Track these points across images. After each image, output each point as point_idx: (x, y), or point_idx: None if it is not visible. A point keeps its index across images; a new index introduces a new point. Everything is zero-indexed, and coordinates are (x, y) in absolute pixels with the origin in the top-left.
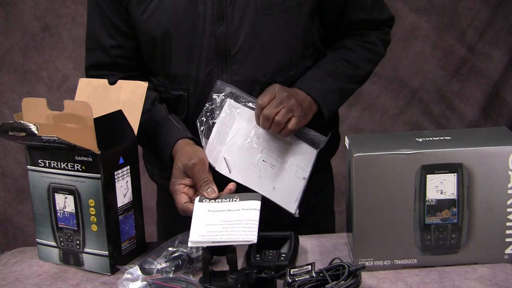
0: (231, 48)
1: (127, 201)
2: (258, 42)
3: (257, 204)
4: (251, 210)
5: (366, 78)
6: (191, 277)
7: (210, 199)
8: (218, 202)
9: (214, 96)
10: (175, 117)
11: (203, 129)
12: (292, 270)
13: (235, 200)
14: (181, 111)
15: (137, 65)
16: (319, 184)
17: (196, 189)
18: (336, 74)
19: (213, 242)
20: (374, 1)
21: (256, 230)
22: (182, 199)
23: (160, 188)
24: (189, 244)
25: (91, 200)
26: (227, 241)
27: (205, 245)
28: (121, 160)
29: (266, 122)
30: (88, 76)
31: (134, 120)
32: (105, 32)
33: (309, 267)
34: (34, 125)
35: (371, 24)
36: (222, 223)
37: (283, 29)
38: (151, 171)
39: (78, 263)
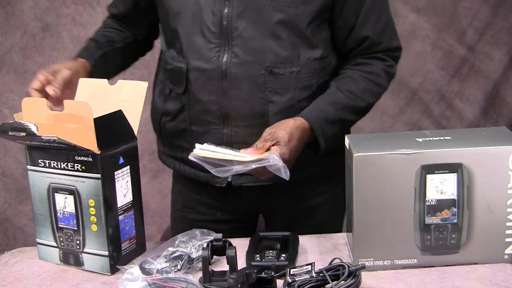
0: (233, 31)
1: (127, 201)
2: (259, 30)
3: None
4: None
5: (368, 110)
6: (191, 277)
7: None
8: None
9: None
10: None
11: None
12: (292, 270)
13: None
14: (180, 83)
15: (148, 26)
16: (320, 185)
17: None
18: (338, 104)
19: (214, 151)
20: (386, 25)
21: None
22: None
23: (173, 175)
24: (190, 156)
25: (91, 200)
26: (228, 153)
27: (207, 154)
28: (121, 160)
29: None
30: (106, 18)
31: (134, 120)
32: None
33: (309, 267)
34: (34, 125)
35: (377, 47)
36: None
37: (286, 23)
38: (162, 151)
39: (78, 263)
